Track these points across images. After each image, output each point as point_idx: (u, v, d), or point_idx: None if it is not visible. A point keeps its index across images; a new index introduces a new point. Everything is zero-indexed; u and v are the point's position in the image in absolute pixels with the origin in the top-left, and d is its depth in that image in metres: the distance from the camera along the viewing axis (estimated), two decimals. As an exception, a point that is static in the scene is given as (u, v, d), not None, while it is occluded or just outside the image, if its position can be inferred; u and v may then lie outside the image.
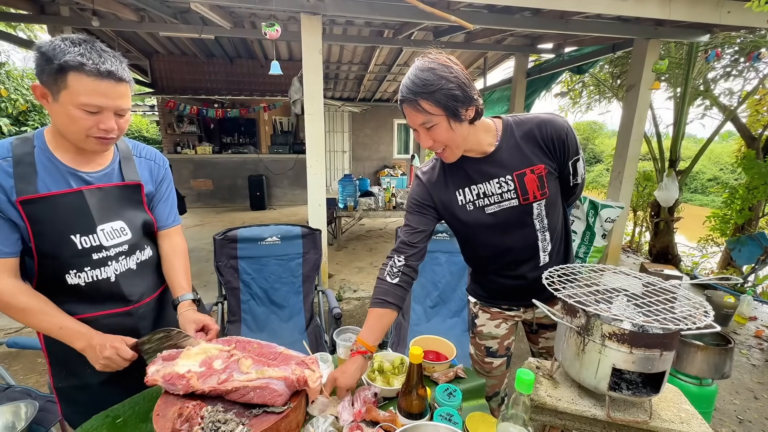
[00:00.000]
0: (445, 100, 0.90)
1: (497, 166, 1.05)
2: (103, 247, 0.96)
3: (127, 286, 1.02)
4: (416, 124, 0.96)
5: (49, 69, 0.79)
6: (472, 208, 1.09)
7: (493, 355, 1.26)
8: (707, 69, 4.71)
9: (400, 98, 0.95)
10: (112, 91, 0.84)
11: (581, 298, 0.85)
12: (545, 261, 1.12)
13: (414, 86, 0.91)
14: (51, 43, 0.79)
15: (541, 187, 1.04)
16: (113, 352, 0.89)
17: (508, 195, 1.05)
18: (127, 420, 0.91)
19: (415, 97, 0.91)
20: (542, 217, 1.08)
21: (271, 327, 1.95)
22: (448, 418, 0.84)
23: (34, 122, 6.63)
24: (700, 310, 0.80)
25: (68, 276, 0.93)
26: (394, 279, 1.09)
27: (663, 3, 2.92)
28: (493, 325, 1.25)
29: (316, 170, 3.28)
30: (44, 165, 0.89)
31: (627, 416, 0.83)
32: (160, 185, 1.12)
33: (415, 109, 0.92)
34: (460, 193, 1.09)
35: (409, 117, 0.96)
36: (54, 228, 0.89)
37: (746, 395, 2.35)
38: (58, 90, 0.80)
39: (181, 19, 4.13)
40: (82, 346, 0.91)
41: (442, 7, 3.07)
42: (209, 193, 7.67)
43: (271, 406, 0.82)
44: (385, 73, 7.42)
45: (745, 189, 4.33)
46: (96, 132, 0.86)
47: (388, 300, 1.07)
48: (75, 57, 0.78)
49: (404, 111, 0.97)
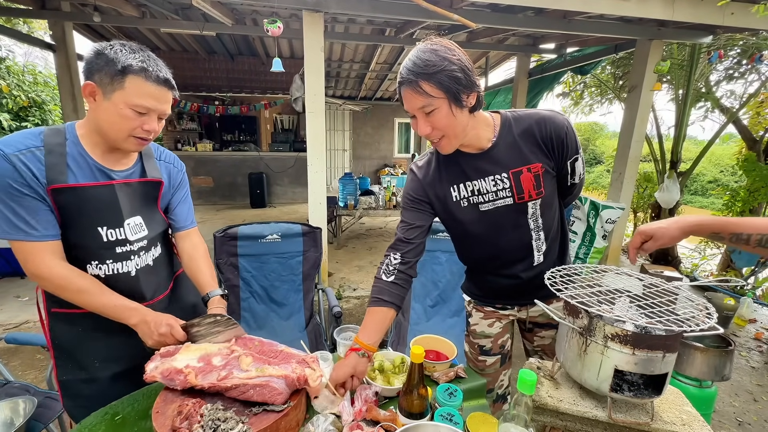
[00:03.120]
0: (448, 82, 0.87)
1: (493, 163, 1.02)
2: (128, 241, 1.00)
3: (145, 282, 1.06)
4: (415, 109, 0.92)
5: (108, 70, 0.85)
6: (466, 205, 1.07)
7: (487, 353, 1.26)
8: (709, 71, 4.70)
9: (399, 80, 0.91)
10: (163, 96, 0.92)
11: (584, 299, 0.84)
12: (539, 261, 1.10)
13: (415, 67, 0.87)
14: (112, 47, 0.87)
15: (537, 186, 1.02)
16: (168, 330, 0.95)
17: (503, 193, 1.03)
18: (126, 417, 0.90)
19: (416, 78, 0.87)
20: (537, 217, 1.06)
21: (271, 325, 1.95)
22: (449, 418, 0.83)
23: (34, 118, 6.63)
24: (703, 311, 0.79)
25: (89, 267, 0.96)
26: (390, 277, 1.07)
27: (666, 3, 2.92)
28: (486, 324, 1.25)
29: (317, 168, 3.27)
30: (74, 158, 0.92)
31: (628, 418, 0.83)
32: (179, 188, 1.17)
33: (416, 91, 0.88)
34: (455, 189, 1.07)
35: (408, 101, 0.92)
36: (82, 219, 0.93)
37: (746, 397, 2.35)
38: (113, 90, 0.86)
39: (182, 16, 4.12)
40: (136, 322, 0.96)
41: (445, 5, 3.06)
42: (209, 191, 7.66)
43: (271, 405, 0.82)
44: (387, 71, 7.41)
45: (746, 191, 4.33)
46: (139, 132, 0.92)
47: (384, 298, 1.05)
48: (138, 62, 0.86)
49: (403, 95, 0.92)
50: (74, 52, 4.75)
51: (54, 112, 7.11)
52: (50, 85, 7.22)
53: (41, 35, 7.51)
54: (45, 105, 6.92)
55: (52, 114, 7.08)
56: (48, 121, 6.91)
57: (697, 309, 0.81)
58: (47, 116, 6.98)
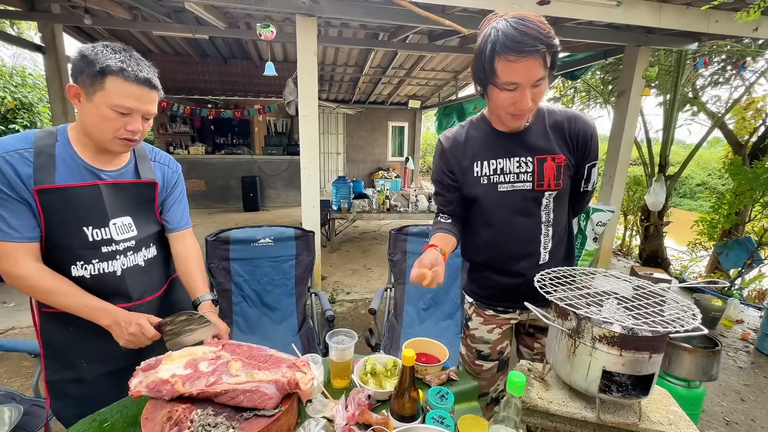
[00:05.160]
0: (555, 59, 0.91)
1: (522, 146, 1.06)
2: (113, 240, 1.00)
3: (132, 282, 1.05)
4: (532, 79, 0.88)
5: (89, 71, 0.86)
6: (485, 182, 1.09)
7: (485, 358, 1.25)
8: (695, 76, 4.81)
9: (517, 48, 0.84)
10: (145, 96, 0.92)
11: (572, 301, 0.85)
12: (545, 260, 1.11)
13: (543, 37, 0.85)
14: (93, 48, 0.87)
15: (557, 176, 1.05)
16: (138, 329, 0.94)
17: (524, 177, 1.06)
18: (115, 424, 0.89)
19: (547, 49, 0.86)
20: (549, 210, 1.08)
21: (263, 329, 1.94)
22: (440, 420, 0.84)
23: (22, 120, 6.51)
24: (688, 313, 0.81)
25: (74, 267, 0.96)
26: (447, 219, 1.16)
27: (653, 11, 2.98)
28: (486, 329, 1.24)
29: (310, 172, 3.27)
30: (64, 159, 0.93)
31: (617, 418, 0.84)
32: (174, 189, 1.17)
33: (540, 62, 0.86)
34: (477, 165, 1.09)
35: (527, 70, 0.87)
36: (68, 219, 0.93)
37: (733, 397, 2.39)
38: (94, 91, 0.87)
39: (175, 19, 4.10)
40: (108, 323, 0.94)
41: (437, 11, 3.09)
42: (202, 194, 7.60)
43: (262, 410, 0.81)
44: (380, 75, 7.44)
45: (732, 194, 4.42)
46: (123, 134, 0.92)
47: (445, 228, 1.12)
48: (116, 63, 0.86)
49: (519, 63, 0.86)
50: (64, 55, 4.69)
51: (43, 115, 7.00)
52: (39, 86, 7.11)
53: (31, 36, 7.42)
54: (33, 107, 6.81)
55: (41, 116, 6.97)
56: (37, 124, 6.79)
57: (682, 310, 0.83)
58: (36, 118, 6.87)
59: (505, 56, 0.86)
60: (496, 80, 0.91)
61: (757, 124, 4.85)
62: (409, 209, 5.02)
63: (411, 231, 2.16)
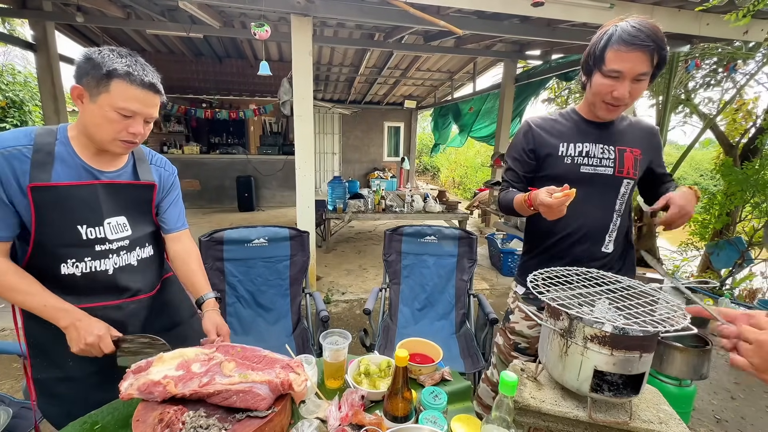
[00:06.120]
0: (662, 63, 0.98)
1: (607, 136, 1.14)
2: (107, 239, 1.00)
3: (123, 280, 1.05)
4: (635, 72, 0.98)
5: (94, 74, 0.88)
6: (569, 162, 1.15)
7: (522, 352, 1.28)
8: (687, 78, 4.86)
9: (629, 40, 0.95)
10: (149, 100, 0.94)
11: (564, 301, 0.86)
12: (608, 251, 1.17)
13: (657, 37, 0.94)
14: (100, 52, 0.90)
15: (635, 167, 1.13)
16: (96, 340, 0.92)
17: (606, 162, 1.13)
18: (106, 426, 0.88)
19: (658, 47, 0.95)
20: (624, 201, 1.15)
21: (258, 330, 1.93)
22: (434, 421, 0.84)
23: (13, 119, 6.43)
24: (678, 312, 0.82)
25: (64, 265, 0.96)
26: None
27: (645, 13, 2.97)
28: (527, 325, 1.27)
29: (306, 172, 3.26)
30: (62, 158, 0.94)
31: (608, 417, 0.85)
32: (170, 192, 1.18)
33: (649, 58, 0.96)
34: (563, 146, 1.15)
35: (634, 62, 0.97)
36: (62, 217, 0.94)
37: (724, 395, 2.42)
38: (98, 93, 0.89)
39: (169, 17, 4.07)
40: (66, 324, 0.93)
41: (432, 12, 3.10)
42: (196, 194, 7.53)
43: (255, 411, 0.81)
44: (376, 75, 7.45)
45: (723, 195, 4.47)
46: (124, 136, 0.94)
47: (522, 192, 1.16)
48: (123, 67, 0.89)
49: (629, 54, 0.96)
50: (56, 53, 4.64)
51: (34, 113, 6.91)
52: (29, 84, 7.01)
53: (23, 33, 7.31)
54: (24, 105, 6.72)
55: (32, 115, 6.88)
56: (27, 122, 6.71)
57: (672, 310, 0.84)
58: (26, 117, 6.78)
59: (617, 46, 0.97)
60: (602, 66, 1.01)
61: (747, 125, 4.92)
62: (405, 209, 5.02)
63: (406, 231, 2.16)
